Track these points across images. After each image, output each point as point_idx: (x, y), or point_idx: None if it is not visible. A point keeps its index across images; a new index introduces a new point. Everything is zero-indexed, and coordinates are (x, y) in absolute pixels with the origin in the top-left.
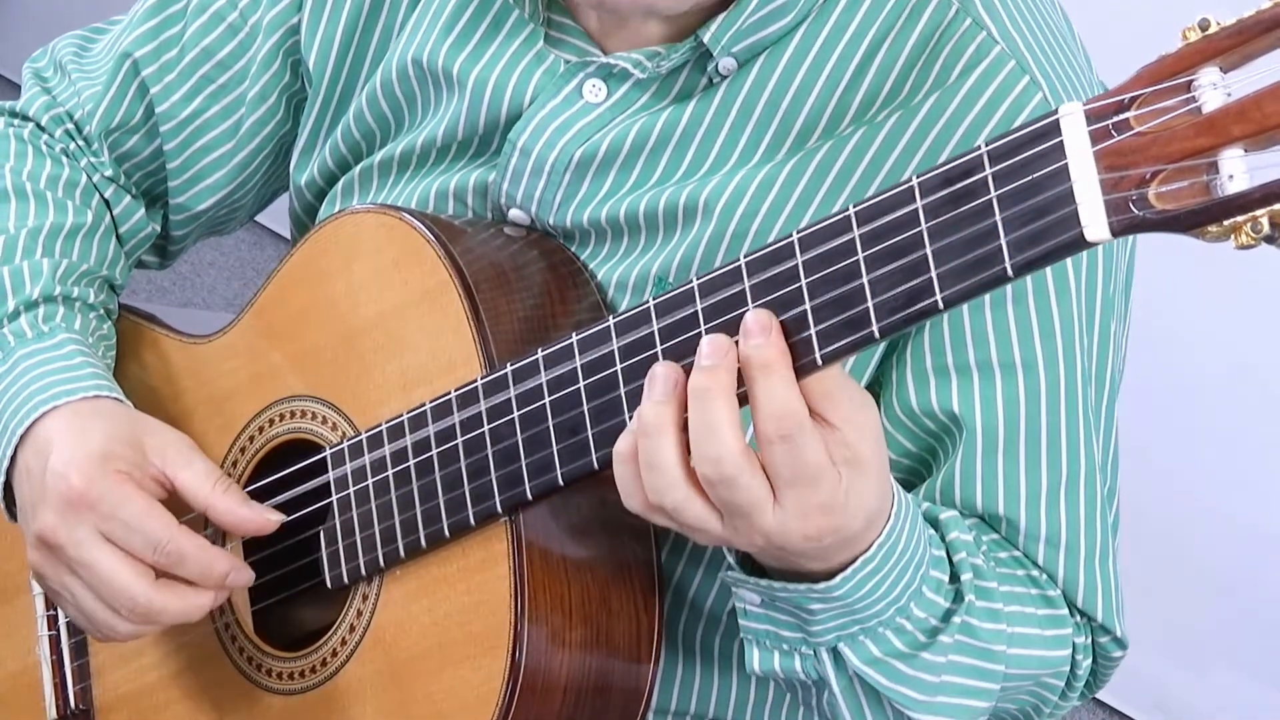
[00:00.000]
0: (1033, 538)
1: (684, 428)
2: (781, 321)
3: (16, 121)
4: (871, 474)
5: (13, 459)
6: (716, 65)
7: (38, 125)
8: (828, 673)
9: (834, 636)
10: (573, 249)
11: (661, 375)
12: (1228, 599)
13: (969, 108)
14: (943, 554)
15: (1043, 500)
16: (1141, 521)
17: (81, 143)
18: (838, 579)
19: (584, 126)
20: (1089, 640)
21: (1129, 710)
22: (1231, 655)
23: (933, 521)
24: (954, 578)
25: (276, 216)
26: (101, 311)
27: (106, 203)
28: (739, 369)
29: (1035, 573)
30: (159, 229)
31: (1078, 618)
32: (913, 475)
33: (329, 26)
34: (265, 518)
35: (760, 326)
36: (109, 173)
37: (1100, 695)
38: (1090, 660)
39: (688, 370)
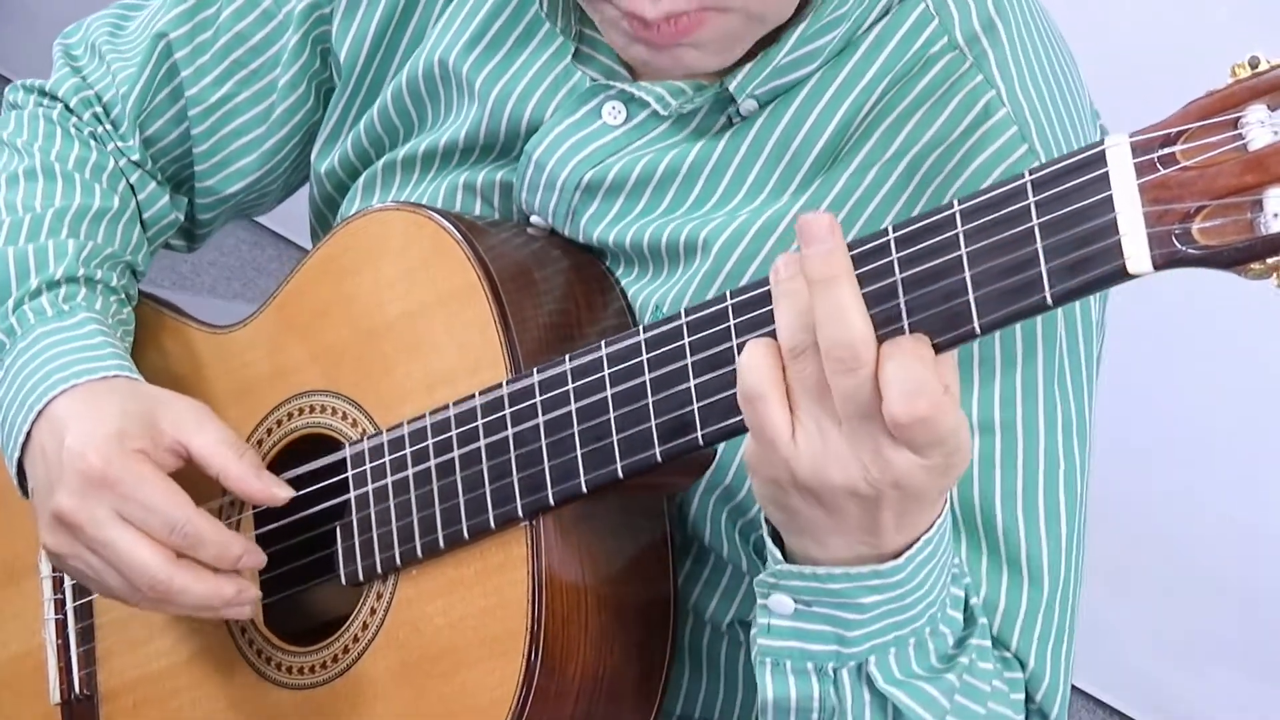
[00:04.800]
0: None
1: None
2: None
3: (46, 101)
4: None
5: (28, 436)
6: (738, 108)
7: (66, 107)
8: (846, 698)
9: (869, 647)
10: None
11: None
12: (1228, 599)
13: (966, 165)
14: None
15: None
16: (1142, 521)
17: (109, 126)
18: (903, 558)
19: (598, 149)
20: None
21: (1129, 710)
22: (1231, 655)
23: None
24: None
25: (277, 217)
26: (123, 296)
27: (132, 188)
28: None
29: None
30: (182, 216)
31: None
32: None
33: (364, 19)
34: (273, 490)
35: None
36: (136, 157)
37: (1101, 695)
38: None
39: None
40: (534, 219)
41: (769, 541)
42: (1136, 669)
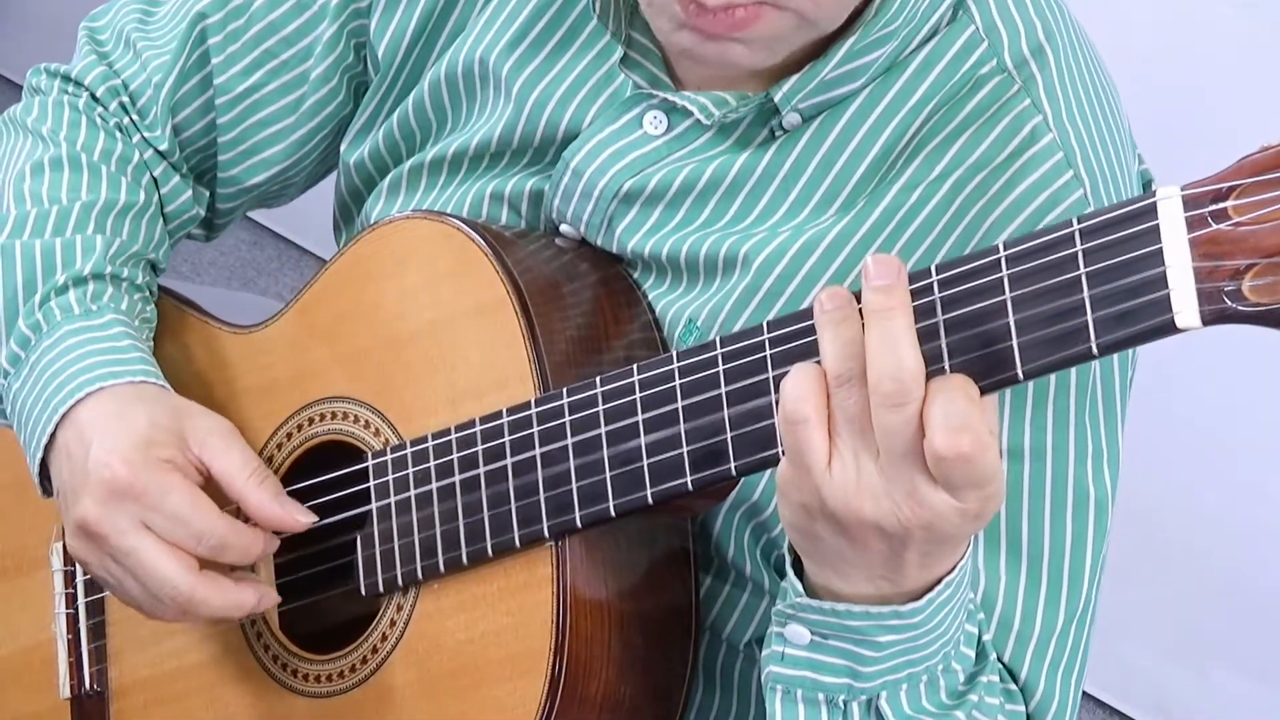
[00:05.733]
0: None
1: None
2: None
3: (71, 88)
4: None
5: (52, 437)
6: (781, 120)
7: (92, 96)
8: None
9: (881, 683)
10: None
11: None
12: (1228, 599)
13: (1011, 189)
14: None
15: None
16: (1142, 521)
17: (135, 117)
18: (923, 600)
19: (637, 158)
20: None
21: (1129, 710)
22: (1232, 655)
23: None
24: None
25: (278, 217)
26: (146, 293)
27: (155, 181)
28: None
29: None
30: (203, 211)
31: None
32: None
33: (404, 15)
34: (295, 517)
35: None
36: (163, 148)
37: (1101, 695)
38: None
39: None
40: (564, 228)
41: (790, 572)
42: (1137, 669)
